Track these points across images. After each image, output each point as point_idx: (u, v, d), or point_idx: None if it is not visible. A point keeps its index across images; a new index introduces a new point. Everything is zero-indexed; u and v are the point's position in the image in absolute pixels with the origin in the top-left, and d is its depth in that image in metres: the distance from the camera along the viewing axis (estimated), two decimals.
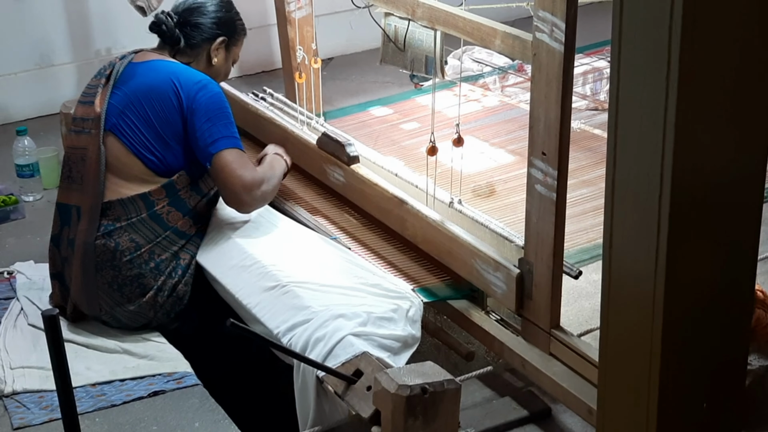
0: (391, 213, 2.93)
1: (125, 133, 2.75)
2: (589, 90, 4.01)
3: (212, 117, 2.73)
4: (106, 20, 4.57)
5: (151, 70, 2.80)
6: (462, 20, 2.57)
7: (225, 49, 2.94)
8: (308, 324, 2.45)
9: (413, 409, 2.04)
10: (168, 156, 2.75)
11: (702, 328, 1.46)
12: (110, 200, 2.71)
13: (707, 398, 1.50)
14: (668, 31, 1.25)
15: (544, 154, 2.32)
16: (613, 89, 1.37)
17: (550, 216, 2.36)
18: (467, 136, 3.52)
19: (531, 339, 2.52)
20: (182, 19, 2.89)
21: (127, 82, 2.80)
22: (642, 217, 1.37)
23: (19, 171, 3.74)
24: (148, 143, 2.74)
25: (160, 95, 2.74)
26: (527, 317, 2.52)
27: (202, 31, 2.90)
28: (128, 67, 2.83)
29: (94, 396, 2.51)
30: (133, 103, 2.76)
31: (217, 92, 2.78)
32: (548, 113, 2.28)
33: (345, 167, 3.09)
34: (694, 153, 1.32)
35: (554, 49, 2.21)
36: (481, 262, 2.60)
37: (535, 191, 2.38)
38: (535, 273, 2.44)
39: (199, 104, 2.73)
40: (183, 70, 2.80)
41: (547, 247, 2.39)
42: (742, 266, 1.46)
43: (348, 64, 4.95)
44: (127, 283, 2.68)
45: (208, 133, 2.72)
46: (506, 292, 2.53)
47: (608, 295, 1.48)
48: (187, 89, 2.74)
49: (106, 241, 2.68)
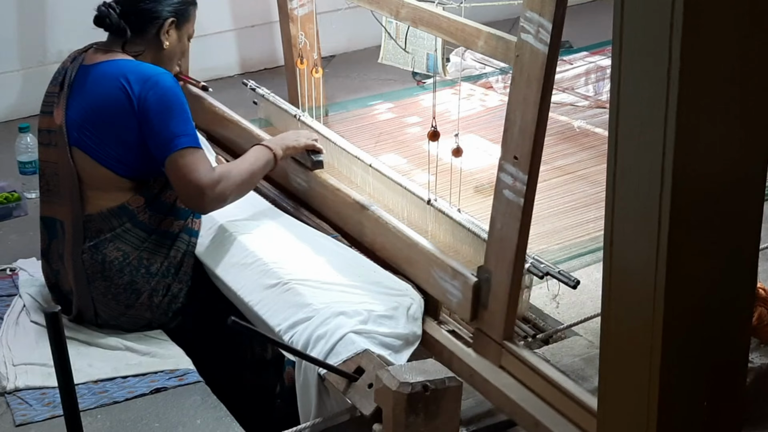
0: (350, 219, 2.86)
1: (89, 147, 2.67)
2: (592, 89, 4.01)
3: (163, 116, 2.61)
4: None
5: (101, 77, 2.68)
6: (446, 21, 2.52)
7: (176, 29, 2.78)
8: (310, 321, 2.45)
9: (415, 407, 2.04)
10: (135, 161, 2.67)
11: (703, 325, 1.45)
12: (90, 213, 2.66)
13: (708, 396, 1.50)
14: (669, 27, 1.25)
15: (515, 158, 2.25)
16: (614, 84, 1.37)
17: (515, 222, 2.29)
18: (469, 134, 3.54)
19: (481, 350, 2.45)
20: (125, 9, 2.75)
21: (81, 91, 2.70)
22: (643, 214, 1.37)
23: (21, 168, 3.74)
24: (114, 152, 2.66)
25: (113, 103, 2.63)
26: (480, 328, 2.45)
27: (148, 17, 2.75)
28: (80, 71, 2.73)
29: (96, 393, 2.52)
30: (89, 116, 2.67)
31: (168, 87, 2.63)
32: (524, 116, 2.22)
33: (308, 173, 3.03)
34: (695, 149, 1.32)
35: (538, 50, 2.16)
36: (439, 270, 2.52)
37: (503, 196, 2.31)
38: (494, 282, 2.37)
39: (150, 103, 2.60)
40: (131, 69, 2.66)
41: (509, 254, 2.32)
42: (743, 263, 1.46)
43: (350, 62, 4.95)
44: (120, 292, 2.67)
45: (161, 135, 2.60)
46: (461, 300, 2.45)
47: (609, 292, 1.48)
48: (138, 88, 2.61)
49: (93, 254, 2.66)
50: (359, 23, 4.83)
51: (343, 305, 2.49)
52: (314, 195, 3.02)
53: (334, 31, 4.84)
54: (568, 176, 3.38)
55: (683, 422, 1.53)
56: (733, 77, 1.32)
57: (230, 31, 4.76)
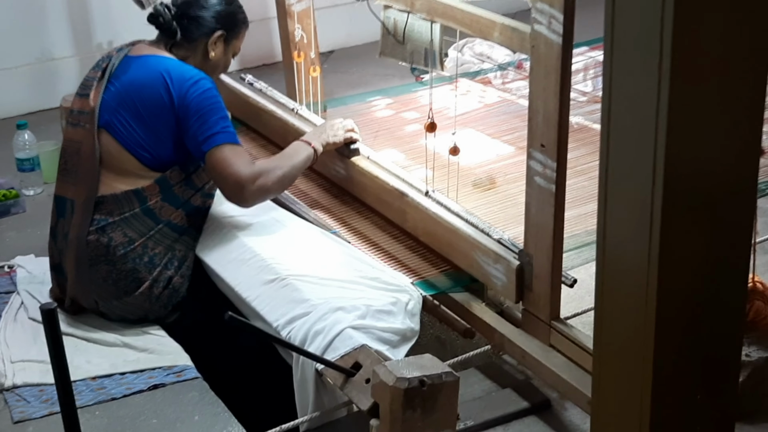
0: (391, 205, 2.93)
1: (118, 131, 2.73)
2: (590, 85, 4.00)
3: (204, 114, 2.68)
4: (106, 13, 4.57)
5: (144, 67, 2.77)
6: (460, 12, 2.56)
7: (224, 42, 2.88)
8: (307, 317, 2.45)
9: (411, 402, 2.04)
10: (161, 152, 2.74)
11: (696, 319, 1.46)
12: (103, 195, 2.70)
13: (702, 389, 1.50)
14: (660, 21, 1.25)
15: (543, 146, 2.31)
16: (606, 79, 1.37)
17: (549, 208, 2.35)
18: (467, 129, 3.53)
19: (531, 330, 2.52)
20: (180, 11, 2.84)
21: (121, 78, 2.78)
22: (635, 208, 1.37)
23: (19, 165, 3.74)
24: (141, 140, 2.73)
25: (152, 92, 2.71)
26: (527, 309, 2.52)
27: (200, 25, 2.85)
28: (124, 60, 2.81)
29: (94, 389, 2.52)
30: (125, 101, 2.74)
31: (209, 88, 2.72)
32: (547, 105, 2.27)
33: (346, 160, 3.09)
34: (687, 143, 1.32)
35: (552, 41, 2.20)
36: (482, 254, 2.60)
37: (535, 183, 2.38)
38: (535, 264, 2.44)
39: (191, 101, 2.68)
40: (175, 66, 2.75)
41: (547, 238, 2.39)
42: (737, 256, 1.46)
43: (348, 57, 4.95)
44: (122, 278, 2.68)
45: (200, 131, 2.68)
46: (506, 283, 2.53)
47: (602, 285, 1.48)
48: (179, 86, 2.69)
49: (99, 236, 2.68)
50: (357, 18, 4.84)
51: (341, 300, 2.49)
52: (354, 182, 3.09)
53: (333, 27, 4.84)
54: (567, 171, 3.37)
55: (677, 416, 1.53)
56: (723, 70, 1.32)
57: None
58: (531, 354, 2.47)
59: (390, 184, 2.92)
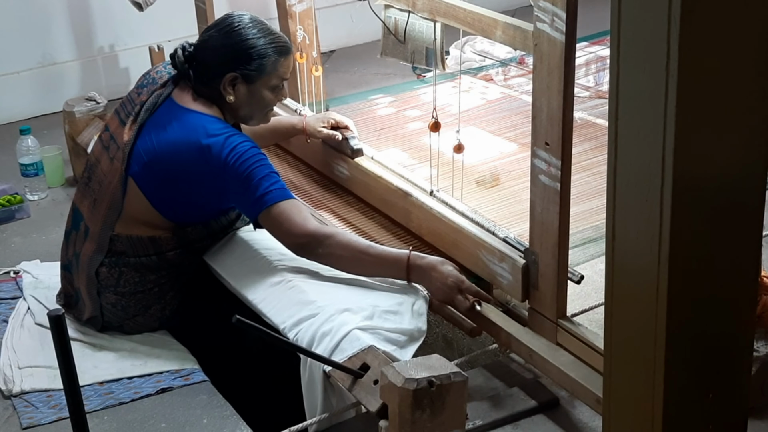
0: (395, 205, 2.93)
1: (146, 186, 2.62)
2: (592, 80, 4.01)
3: (245, 179, 2.53)
4: (108, 17, 4.56)
5: (182, 127, 2.59)
6: (462, 11, 2.56)
7: (244, 83, 2.62)
8: (314, 318, 2.45)
9: (420, 402, 2.04)
10: (189, 211, 2.67)
11: (706, 315, 1.45)
12: (119, 234, 2.64)
13: (713, 386, 1.50)
14: (667, 18, 1.25)
15: (547, 144, 2.31)
16: (613, 77, 1.36)
17: (554, 206, 2.35)
18: (470, 126, 3.53)
19: (538, 329, 2.52)
20: (191, 54, 2.65)
21: (160, 130, 2.62)
22: (644, 205, 1.37)
23: (23, 170, 3.74)
24: (170, 199, 2.63)
25: (188, 159, 2.56)
26: (533, 307, 2.52)
27: (208, 69, 2.62)
28: (167, 104, 2.65)
29: (102, 394, 2.52)
30: (159, 159, 2.60)
31: (245, 150, 2.53)
32: (550, 103, 2.27)
33: (349, 160, 3.09)
34: (696, 140, 1.32)
35: (555, 38, 2.20)
36: (487, 253, 2.60)
37: (539, 181, 2.38)
38: (541, 263, 2.44)
39: (229, 170, 2.52)
40: (211, 129, 2.56)
41: (552, 236, 2.39)
42: (746, 252, 1.46)
43: (350, 57, 4.95)
44: (131, 305, 2.68)
45: (247, 199, 2.55)
46: (512, 282, 2.53)
47: (612, 283, 1.47)
48: (216, 155, 2.52)
49: (110, 271, 2.65)
50: (358, 18, 4.83)
51: (348, 302, 2.49)
52: (357, 183, 3.09)
53: (334, 26, 4.84)
54: None
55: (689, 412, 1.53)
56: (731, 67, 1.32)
57: None
58: (538, 352, 2.47)
59: (394, 184, 2.92)
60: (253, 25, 2.62)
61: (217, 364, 2.68)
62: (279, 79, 2.67)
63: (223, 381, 2.61)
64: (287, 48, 2.67)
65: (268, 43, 2.62)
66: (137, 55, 4.45)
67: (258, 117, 2.72)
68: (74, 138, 3.77)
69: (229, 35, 2.61)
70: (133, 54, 4.54)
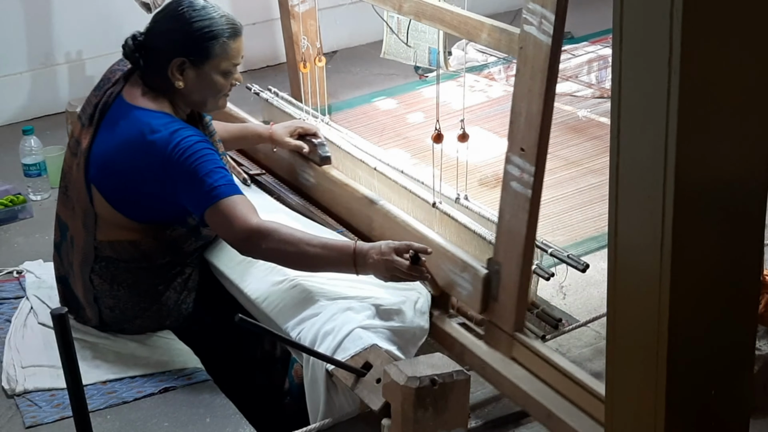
0: (359, 213, 2.87)
1: (105, 190, 2.59)
2: (594, 78, 4.01)
3: (190, 176, 2.47)
4: (112, 17, 4.57)
5: (130, 126, 2.55)
6: (449, 14, 2.51)
7: (193, 67, 2.56)
8: (317, 318, 2.45)
9: (423, 401, 2.04)
10: (151, 212, 2.62)
11: (709, 313, 1.45)
12: (101, 241, 2.62)
13: (716, 384, 1.50)
14: (669, 16, 1.25)
15: (522, 150, 2.25)
16: (615, 76, 1.36)
17: (523, 214, 2.29)
18: (473, 126, 3.53)
19: (493, 342, 2.46)
20: (141, 41, 2.59)
21: (111, 130, 2.58)
22: (647, 204, 1.37)
23: (26, 170, 3.75)
24: (128, 201, 2.59)
25: (137, 158, 2.52)
26: (491, 320, 2.46)
27: (157, 55, 2.56)
28: (117, 103, 2.61)
29: (105, 393, 2.52)
30: (112, 159, 2.57)
31: (190, 145, 2.47)
32: (530, 107, 2.22)
33: (316, 168, 3.04)
34: (698, 139, 1.32)
35: (541, 41, 2.16)
36: (449, 263, 2.53)
37: (510, 188, 2.31)
38: (503, 273, 2.38)
39: (176, 167, 2.48)
40: (156, 125, 2.51)
41: (518, 246, 2.32)
42: (748, 251, 1.46)
43: (352, 57, 4.95)
44: (129, 307, 2.67)
45: (192, 195, 2.50)
46: (471, 292, 2.46)
47: (614, 282, 1.48)
48: (161, 150, 2.48)
49: (102, 275, 2.64)
50: (361, 18, 4.83)
51: (350, 301, 2.49)
52: (322, 191, 3.04)
53: (336, 27, 4.84)
54: (572, 166, 3.38)
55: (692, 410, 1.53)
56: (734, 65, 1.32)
57: None
58: (491, 365, 2.41)
59: (360, 192, 2.87)
60: (200, 7, 2.57)
61: (220, 364, 2.68)
62: (229, 63, 2.60)
63: (225, 381, 2.61)
64: (236, 30, 2.60)
65: (216, 25, 2.57)
66: None
67: (211, 103, 2.65)
68: None
69: (175, 18, 2.56)
70: None
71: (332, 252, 2.46)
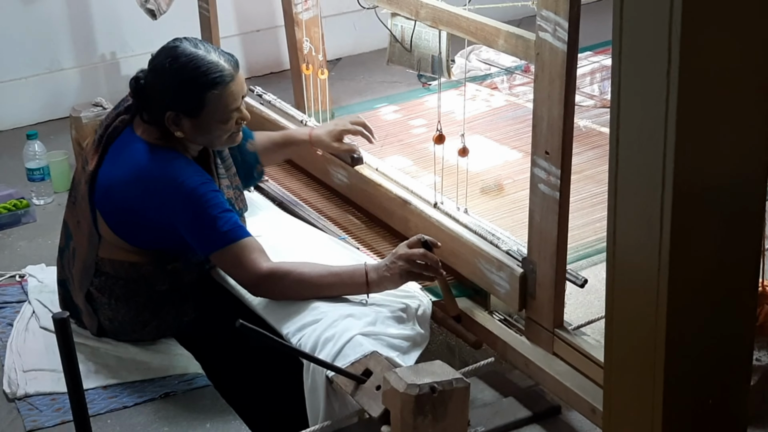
0: (394, 214, 2.92)
1: (109, 216, 2.57)
2: (597, 89, 4.02)
3: (193, 222, 2.48)
4: (115, 23, 4.59)
5: (132, 157, 2.53)
6: (465, 20, 2.57)
7: (189, 117, 2.49)
8: (317, 324, 2.45)
9: (422, 408, 2.04)
10: (156, 242, 2.60)
11: (707, 322, 1.46)
12: (103, 258, 2.61)
13: (713, 393, 1.50)
14: (668, 26, 1.26)
15: (547, 153, 2.31)
16: (615, 84, 1.37)
17: (553, 215, 2.35)
18: (475, 134, 3.54)
19: (534, 338, 2.52)
20: (141, 85, 2.53)
21: (116, 160, 2.56)
22: (645, 212, 1.38)
23: (29, 175, 3.76)
24: (133, 231, 2.57)
25: (136, 194, 2.51)
26: (530, 317, 2.52)
27: (152, 103, 2.52)
28: (126, 131, 2.58)
29: (106, 398, 2.53)
30: (114, 191, 2.55)
31: (188, 192, 2.46)
32: (551, 112, 2.28)
33: (348, 168, 3.09)
34: (696, 147, 1.33)
35: (557, 48, 2.21)
36: (485, 262, 2.60)
37: (539, 190, 2.38)
38: (539, 272, 2.44)
39: (178, 215, 2.48)
40: (157, 161, 2.50)
41: (550, 246, 2.39)
42: (746, 261, 1.46)
43: (356, 65, 4.96)
44: (127, 321, 2.67)
45: (196, 239, 2.50)
46: (509, 291, 2.53)
47: (612, 290, 1.48)
48: (158, 199, 2.48)
49: (100, 290, 2.64)
50: (364, 26, 4.85)
51: (351, 307, 2.49)
52: (356, 191, 3.09)
53: (340, 35, 4.85)
54: (575, 176, 3.37)
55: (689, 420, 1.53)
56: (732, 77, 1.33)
57: (235, 35, 4.78)
58: (534, 362, 2.47)
59: (393, 192, 2.92)
60: (189, 57, 2.47)
61: (221, 370, 2.69)
62: (226, 110, 2.51)
63: (226, 386, 2.62)
64: (227, 76, 2.48)
65: (204, 76, 2.47)
66: (142, 62, 4.45)
67: (218, 143, 2.60)
68: (81, 143, 3.79)
69: (164, 72, 2.49)
70: (139, 60, 4.55)
71: (344, 278, 2.51)
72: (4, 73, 4.45)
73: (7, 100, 4.47)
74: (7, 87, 4.47)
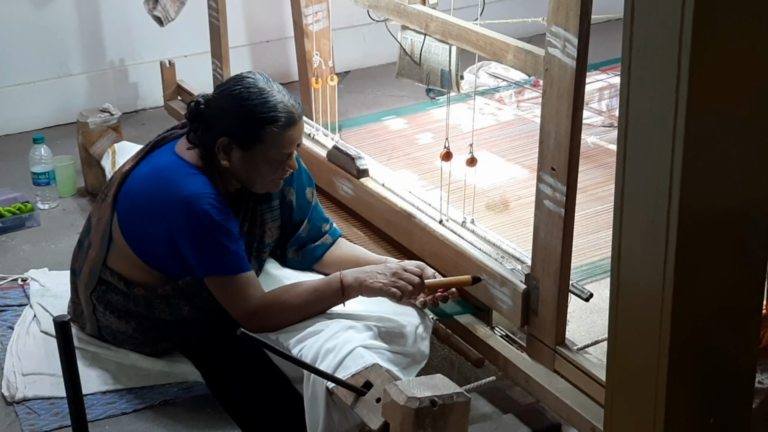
0: (399, 227, 2.92)
1: (122, 217, 2.57)
2: (605, 106, 4.02)
3: (195, 242, 2.46)
4: (124, 30, 4.60)
5: (160, 170, 2.53)
6: (475, 35, 2.57)
7: (240, 148, 2.48)
8: (319, 335, 2.45)
9: (422, 422, 2.04)
10: (159, 258, 2.58)
11: (710, 344, 1.45)
12: (111, 268, 2.60)
13: (715, 415, 1.50)
14: (678, 43, 1.25)
15: (553, 169, 2.31)
16: (623, 103, 1.37)
17: (558, 231, 2.35)
18: (482, 150, 3.54)
19: (536, 355, 2.51)
20: (201, 110, 2.52)
21: (147, 164, 2.59)
22: (650, 232, 1.37)
23: (35, 179, 3.76)
24: (138, 237, 2.56)
25: (151, 206, 2.51)
26: (532, 333, 2.51)
27: (207, 129, 2.50)
28: (169, 144, 2.60)
29: (105, 404, 2.52)
30: (137, 199, 2.55)
31: (200, 213, 2.42)
32: (559, 128, 2.28)
33: (354, 180, 3.09)
34: (704, 167, 1.32)
35: (566, 64, 2.21)
36: (488, 277, 2.59)
37: (544, 206, 2.37)
38: (542, 289, 2.43)
39: (182, 233, 2.46)
40: (183, 182, 2.47)
41: (554, 262, 2.38)
42: (751, 282, 1.46)
43: (364, 78, 4.97)
44: (121, 332, 2.65)
45: (194, 260, 2.49)
46: (512, 307, 2.52)
47: (616, 310, 1.48)
48: (172, 208, 2.46)
49: (99, 300, 2.63)
50: (374, 39, 4.86)
51: (353, 320, 2.49)
52: (361, 203, 3.09)
53: (349, 47, 4.86)
54: (581, 194, 3.37)
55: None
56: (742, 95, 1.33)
57: (245, 45, 4.79)
58: (535, 379, 2.45)
59: (398, 205, 2.92)
60: (258, 90, 2.46)
61: (220, 379, 2.68)
62: (279, 151, 2.48)
63: (225, 395, 2.61)
64: (291, 118, 2.47)
65: (269, 110, 2.45)
66: (151, 70, 4.47)
67: (259, 185, 2.57)
68: (87, 149, 3.79)
69: (230, 98, 2.47)
70: (148, 68, 4.57)
71: (323, 290, 2.51)
72: (13, 76, 4.46)
73: (16, 103, 4.48)
74: (16, 91, 4.48)
